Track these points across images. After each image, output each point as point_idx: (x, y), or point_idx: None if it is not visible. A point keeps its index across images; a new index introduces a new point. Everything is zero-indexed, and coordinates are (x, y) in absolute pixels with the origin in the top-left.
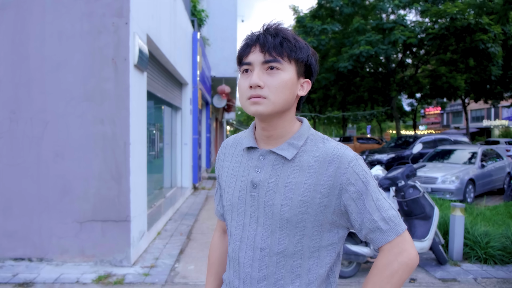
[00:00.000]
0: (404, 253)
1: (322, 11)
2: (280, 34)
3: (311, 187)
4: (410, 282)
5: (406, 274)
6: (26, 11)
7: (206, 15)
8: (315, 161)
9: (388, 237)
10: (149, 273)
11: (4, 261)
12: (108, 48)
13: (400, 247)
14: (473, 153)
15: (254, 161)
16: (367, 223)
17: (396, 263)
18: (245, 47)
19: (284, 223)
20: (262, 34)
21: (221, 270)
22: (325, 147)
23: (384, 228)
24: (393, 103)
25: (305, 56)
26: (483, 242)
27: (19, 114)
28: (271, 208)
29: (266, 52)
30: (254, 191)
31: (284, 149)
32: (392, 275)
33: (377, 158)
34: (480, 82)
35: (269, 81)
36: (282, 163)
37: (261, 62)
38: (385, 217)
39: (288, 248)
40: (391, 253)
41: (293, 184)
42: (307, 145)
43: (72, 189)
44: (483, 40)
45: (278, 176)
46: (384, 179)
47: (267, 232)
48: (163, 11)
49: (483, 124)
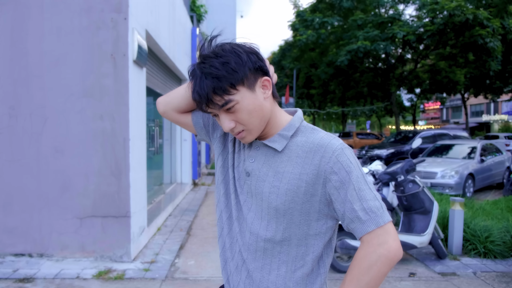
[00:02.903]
0: (384, 245)
1: (321, 5)
2: (208, 74)
3: (297, 176)
4: (409, 276)
5: (385, 267)
6: (24, 6)
7: (205, 10)
8: (302, 151)
9: (368, 228)
10: (150, 269)
11: (5, 257)
12: (107, 43)
13: (380, 238)
14: (473, 147)
15: (250, 151)
16: (348, 212)
17: (375, 255)
18: (196, 102)
19: (272, 210)
20: (195, 86)
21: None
22: (313, 137)
23: (364, 218)
24: (392, 98)
25: (246, 71)
26: (483, 237)
27: (18, 110)
28: (261, 196)
29: (210, 103)
30: (247, 179)
31: (275, 141)
32: (370, 267)
33: (377, 153)
34: (480, 76)
35: (236, 118)
36: (273, 154)
37: (219, 109)
38: (365, 207)
39: (276, 235)
40: (370, 244)
41: (280, 173)
42: (297, 136)
43: (72, 185)
44: (482, 35)
45: (269, 166)
46: (383, 174)
47: (257, 218)
48: (162, 6)
49: (482, 119)
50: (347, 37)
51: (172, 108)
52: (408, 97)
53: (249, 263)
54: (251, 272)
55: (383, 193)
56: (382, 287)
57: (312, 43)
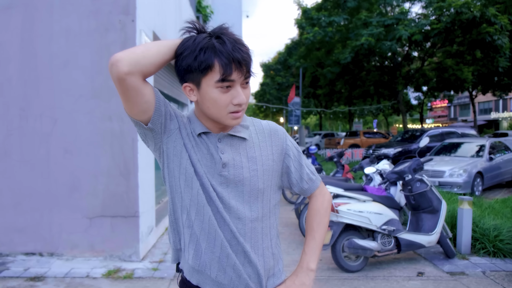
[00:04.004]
0: (326, 193)
1: (327, 4)
2: (243, 46)
3: (268, 156)
4: (418, 275)
5: (330, 208)
6: (34, 9)
7: (211, 11)
8: (263, 136)
9: (317, 184)
10: (158, 268)
11: (16, 256)
12: (115, 45)
13: (323, 190)
14: (481, 145)
15: (214, 144)
16: (304, 176)
17: (326, 202)
18: (227, 63)
19: (255, 192)
20: (234, 50)
21: None
22: (262, 124)
23: (313, 178)
24: (399, 97)
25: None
26: (492, 235)
27: (29, 111)
28: (243, 182)
29: (246, 70)
30: (223, 170)
31: (240, 131)
32: (326, 210)
33: (384, 152)
34: (488, 74)
35: (246, 94)
36: (240, 142)
37: (242, 79)
38: (311, 170)
39: (259, 213)
40: (321, 195)
41: (253, 157)
42: (251, 126)
43: (81, 185)
44: (490, 32)
45: (239, 154)
46: (391, 173)
47: (241, 203)
48: (169, 8)
49: (491, 117)
50: (353, 36)
51: (141, 70)
52: (415, 95)
53: (244, 246)
54: (248, 253)
55: (390, 192)
56: (391, 286)
57: (318, 42)
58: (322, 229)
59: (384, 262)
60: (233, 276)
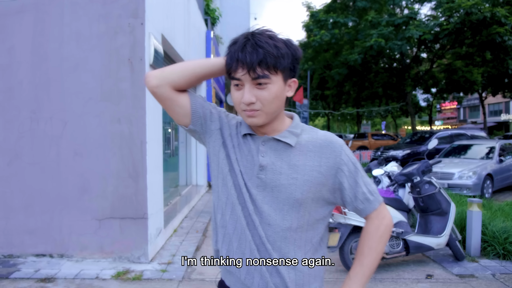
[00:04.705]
0: (386, 217)
1: (335, 5)
2: (261, 48)
3: (313, 167)
4: (426, 278)
5: (389, 234)
6: (45, 13)
7: (219, 13)
8: (313, 146)
9: (375, 206)
10: (167, 269)
11: (26, 257)
12: (125, 48)
13: (382, 213)
14: (491, 147)
15: (257, 146)
16: (359, 195)
17: (383, 226)
18: (230, 63)
19: (291, 201)
20: (243, 50)
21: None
22: (318, 134)
23: (371, 198)
24: (408, 99)
25: (289, 61)
26: (502, 238)
27: (39, 114)
28: (279, 188)
29: (251, 70)
30: (261, 173)
31: (287, 137)
32: (381, 236)
33: (392, 154)
34: (498, 75)
35: (260, 95)
36: (285, 148)
37: (250, 79)
38: (370, 190)
39: (293, 224)
40: (378, 218)
41: (297, 166)
42: (303, 134)
43: (91, 187)
44: (500, 33)
45: (282, 160)
46: (399, 175)
47: (274, 209)
48: (177, 11)
49: (501, 118)
50: (362, 37)
51: (169, 83)
52: (424, 97)
53: (271, 254)
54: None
55: (399, 194)
56: None
57: (326, 44)
58: (373, 256)
59: (393, 264)
60: (260, 282)
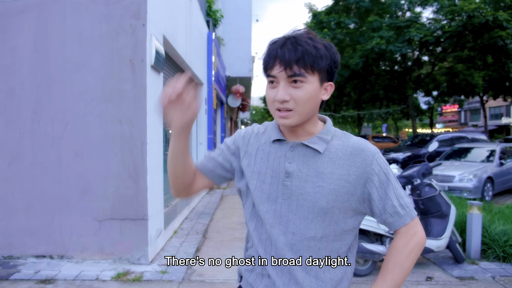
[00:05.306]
0: (417, 234)
1: (338, 7)
2: (300, 46)
3: (341, 176)
4: (426, 280)
5: (419, 252)
6: (47, 13)
7: (221, 15)
8: (343, 153)
9: (405, 221)
10: (167, 271)
11: (27, 258)
12: (126, 49)
13: (414, 229)
14: (492, 151)
15: (285, 152)
16: (388, 208)
17: (412, 243)
18: (268, 60)
19: (316, 210)
20: (283, 47)
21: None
22: (350, 141)
23: (402, 213)
24: (409, 101)
25: (327, 63)
26: (502, 241)
27: (41, 114)
28: (305, 196)
29: (287, 67)
30: (287, 180)
31: (316, 143)
32: (409, 254)
33: (393, 156)
34: (499, 79)
35: (294, 94)
36: (313, 155)
37: (285, 77)
38: (402, 203)
39: (318, 233)
40: (407, 234)
41: (324, 174)
42: (333, 140)
43: (91, 188)
44: (502, 36)
45: (309, 167)
46: (399, 177)
47: (299, 218)
48: (179, 12)
49: (502, 122)
50: (364, 40)
51: (178, 187)
52: (425, 100)
53: (293, 263)
54: (294, 271)
55: None
56: None
57: None
58: (398, 274)
59: None
60: None
